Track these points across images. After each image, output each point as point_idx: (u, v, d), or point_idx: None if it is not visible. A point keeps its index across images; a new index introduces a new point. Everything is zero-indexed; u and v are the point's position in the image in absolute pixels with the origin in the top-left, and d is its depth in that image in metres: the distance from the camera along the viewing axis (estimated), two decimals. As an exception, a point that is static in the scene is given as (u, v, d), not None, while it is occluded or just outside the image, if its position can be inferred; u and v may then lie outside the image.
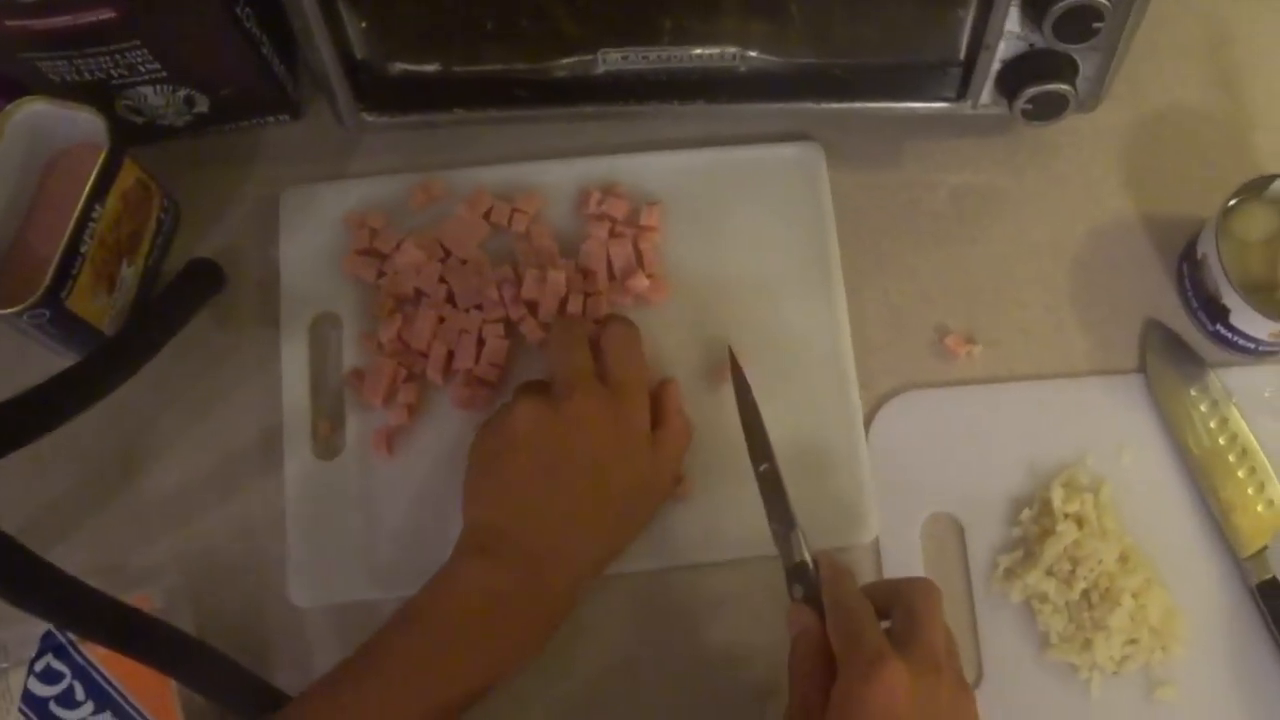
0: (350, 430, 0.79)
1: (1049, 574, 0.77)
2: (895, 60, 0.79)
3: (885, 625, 0.64)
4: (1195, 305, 0.83)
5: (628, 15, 0.76)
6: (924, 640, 0.61)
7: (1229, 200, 0.80)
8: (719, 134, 0.85)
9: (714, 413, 0.79)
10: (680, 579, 0.78)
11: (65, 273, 0.72)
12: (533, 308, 0.79)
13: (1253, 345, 0.82)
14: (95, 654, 0.74)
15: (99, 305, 0.76)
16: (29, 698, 0.73)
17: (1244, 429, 0.82)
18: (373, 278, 0.81)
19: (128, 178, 0.76)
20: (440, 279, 0.80)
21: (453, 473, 0.74)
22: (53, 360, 0.73)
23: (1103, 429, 0.81)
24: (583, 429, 0.69)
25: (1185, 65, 0.89)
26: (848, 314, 0.81)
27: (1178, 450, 0.81)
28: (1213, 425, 0.81)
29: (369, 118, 0.80)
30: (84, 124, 0.75)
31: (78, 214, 0.72)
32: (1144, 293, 0.84)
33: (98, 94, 0.77)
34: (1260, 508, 0.80)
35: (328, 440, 0.79)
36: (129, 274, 0.79)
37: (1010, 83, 0.77)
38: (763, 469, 0.70)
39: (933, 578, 0.76)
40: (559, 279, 0.79)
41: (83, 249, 0.73)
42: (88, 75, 0.76)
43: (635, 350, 0.74)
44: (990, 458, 0.80)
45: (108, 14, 0.71)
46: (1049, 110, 0.78)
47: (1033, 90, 0.76)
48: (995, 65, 0.77)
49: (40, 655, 0.74)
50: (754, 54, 0.78)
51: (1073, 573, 0.77)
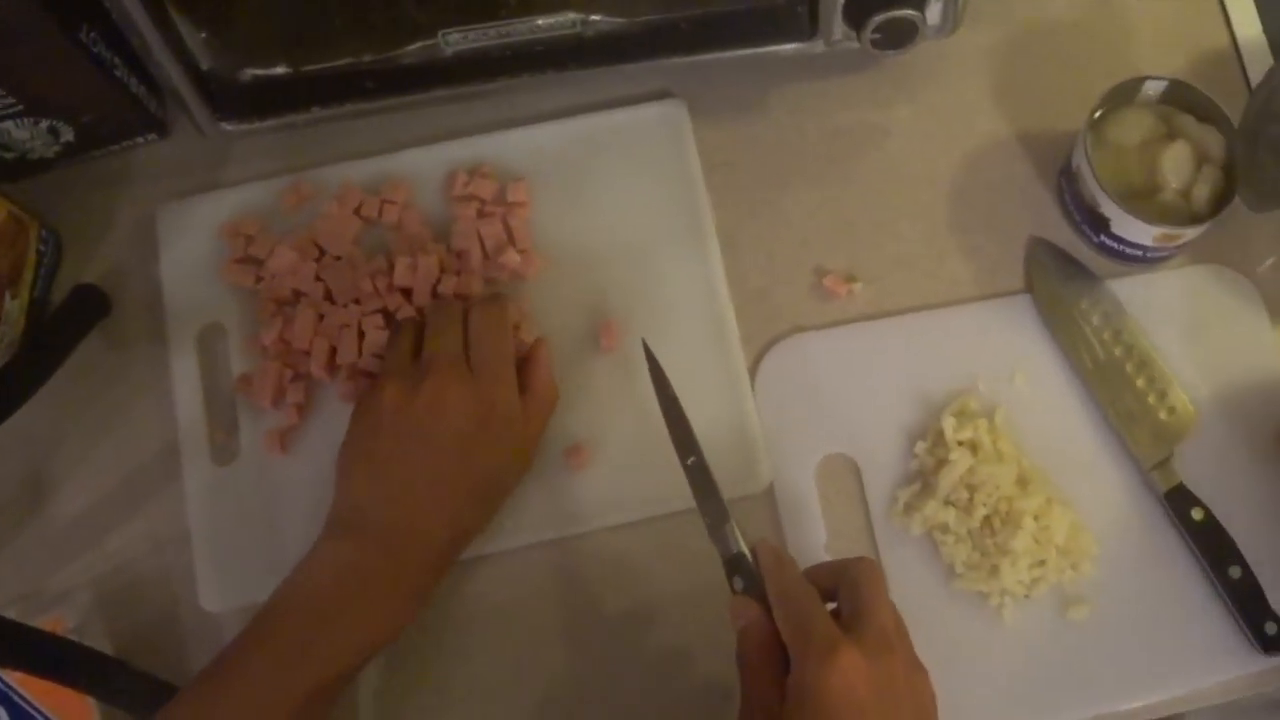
0: (245, 434, 0.80)
1: (947, 504, 0.76)
2: (743, 6, 0.79)
3: (831, 607, 0.63)
4: (1078, 219, 0.82)
5: (463, -6, 0.76)
6: (874, 621, 0.60)
7: (1096, 109, 0.79)
8: (583, 102, 0.84)
9: (600, 379, 0.79)
10: (591, 543, 0.78)
11: (-58, 313, 0.73)
12: (408, 294, 0.79)
13: (1140, 252, 0.80)
14: (13, 677, 0.75)
15: (-15, 340, 0.77)
16: (-51, 725, 0.74)
17: (1140, 338, 0.81)
18: (252, 284, 0.82)
19: (-2, 214, 0.77)
20: (317, 277, 0.80)
21: (345, 466, 0.75)
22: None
23: (993, 353, 0.80)
24: (442, 409, 0.70)
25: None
26: (723, 267, 0.81)
27: (1072, 367, 0.80)
28: (1106, 337, 0.80)
29: (228, 126, 0.80)
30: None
31: (-53, 256, 0.73)
32: (1026, 212, 0.83)
33: (-39, 135, 0.78)
34: (1163, 415, 0.79)
35: (224, 446, 0.80)
36: (13, 307, 0.80)
37: (856, 14, 0.77)
38: (690, 462, 0.69)
39: (831, 519, 0.76)
40: (430, 264, 0.79)
41: (-43, 289, 0.74)
42: (-54, 118, 0.77)
43: (498, 330, 0.74)
44: (880, 394, 0.80)
45: (-49, 57, 0.72)
46: (899, 38, 0.77)
47: (878, 19, 0.76)
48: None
49: (-44, 683, 0.75)
50: (597, 18, 0.78)
51: (971, 500, 0.76)
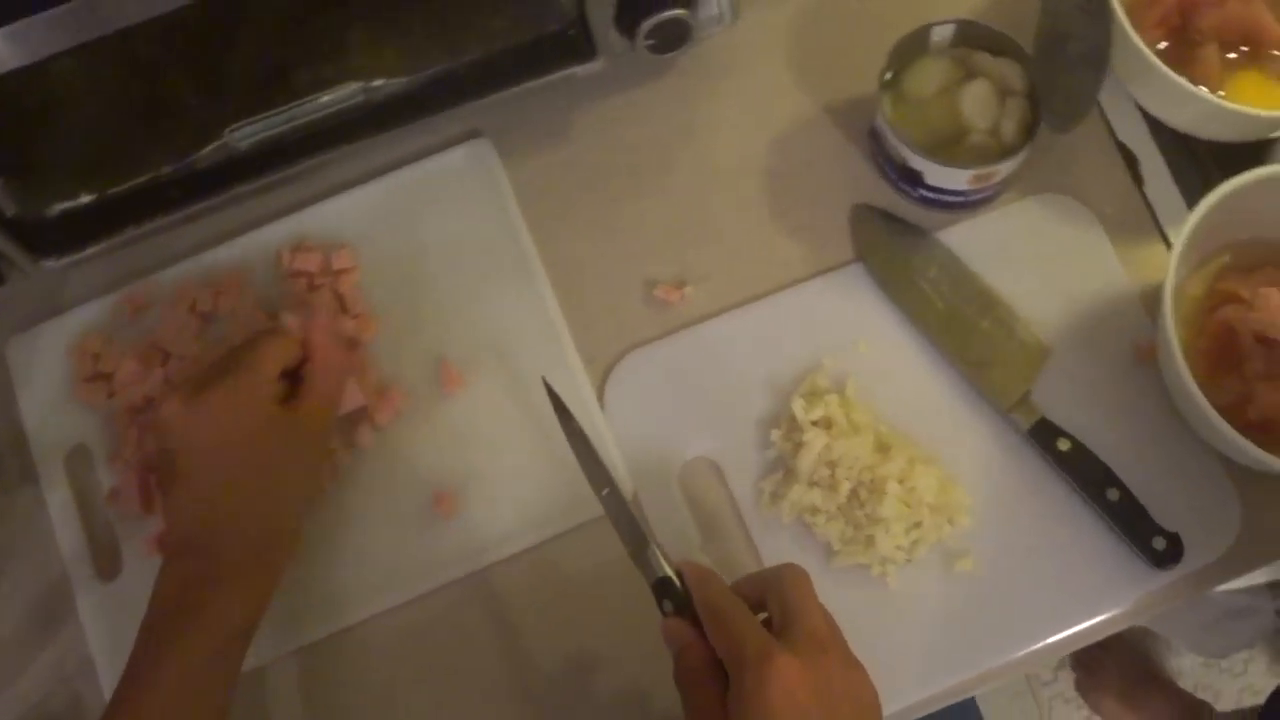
0: (126, 546, 0.81)
1: (812, 485, 0.76)
2: (517, 40, 0.79)
3: (763, 617, 0.63)
4: (894, 178, 0.82)
5: (248, 86, 0.77)
6: (805, 625, 0.60)
7: (887, 69, 0.79)
8: (396, 157, 0.85)
9: (456, 422, 0.80)
10: (491, 577, 0.79)
11: None
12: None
13: (960, 198, 0.80)
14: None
15: None
16: None
17: (978, 282, 0.81)
18: (105, 400, 0.83)
19: None
20: (166, 380, 0.81)
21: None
22: None
23: (834, 327, 0.80)
24: (206, 421, 0.70)
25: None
26: (554, 295, 0.81)
27: (915, 325, 0.80)
28: (945, 289, 0.80)
29: (50, 264, 0.80)
30: None
31: None
32: (845, 182, 0.83)
33: None
34: (1014, 353, 0.79)
35: (110, 563, 0.81)
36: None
37: (627, 24, 0.77)
38: (605, 493, 0.70)
39: (702, 522, 0.76)
40: (268, 347, 0.80)
41: None
42: None
43: (252, 347, 0.72)
44: (730, 391, 0.80)
45: None
46: (674, 39, 0.77)
47: (648, 24, 0.76)
48: (609, 12, 0.77)
49: None
50: (380, 82, 0.78)
51: (834, 477, 0.76)
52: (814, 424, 0.77)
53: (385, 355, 0.82)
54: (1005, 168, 0.77)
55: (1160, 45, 0.82)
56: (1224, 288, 0.79)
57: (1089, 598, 0.77)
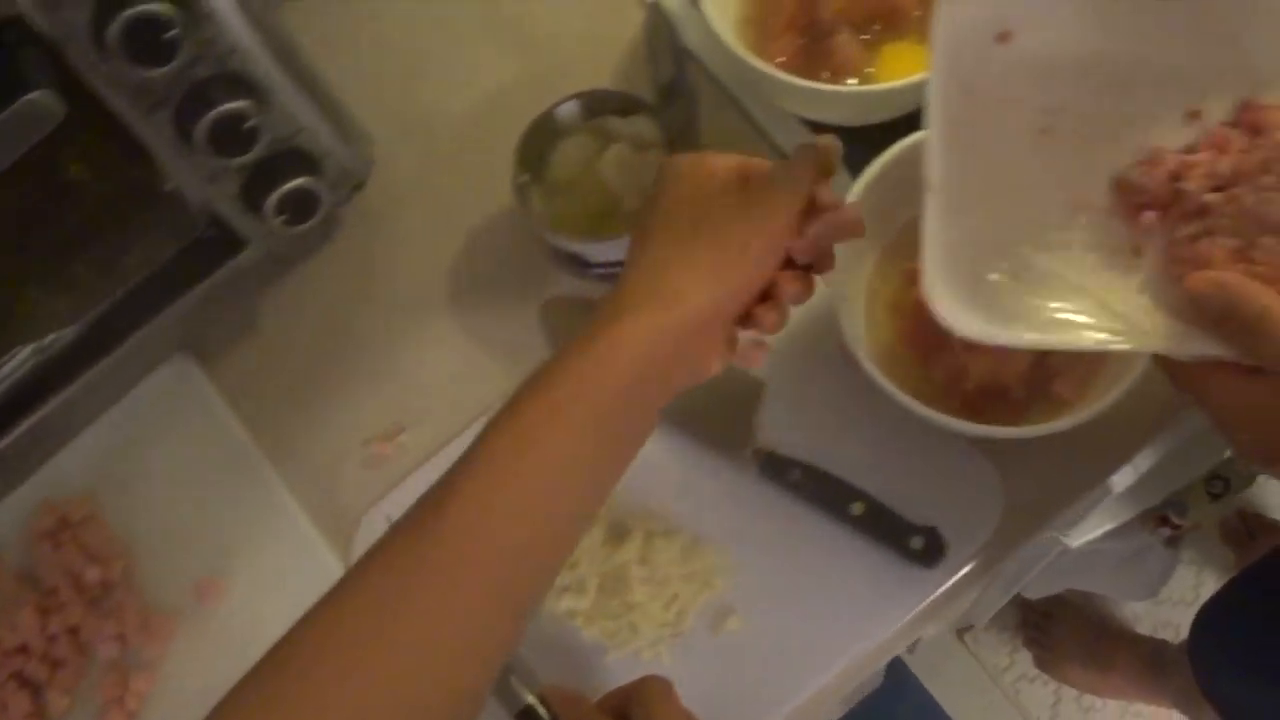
0: None
1: (562, 591, 0.76)
2: (175, 253, 0.80)
3: None
4: (566, 265, 0.82)
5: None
6: None
7: (518, 170, 0.79)
8: (113, 393, 0.86)
9: (220, 630, 0.81)
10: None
11: None
12: (24, 650, 0.81)
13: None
14: None
15: None
16: None
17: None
18: None
19: None
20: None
21: None
22: None
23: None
24: None
25: (466, 57, 0.89)
26: (282, 483, 0.82)
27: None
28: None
29: None
30: None
31: None
32: (530, 283, 0.84)
33: None
34: (727, 396, 0.79)
35: None
36: None
37: (254, 207, 0.78)
38: None
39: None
40: (25, 616, 0.81)
41: None
42: None
43: None
44: (466, 520, 0.79)
45: None
46: (306, 209, 0.78)
47: (269, 204, 0.77)
48: (235, 202, 0.78)
49: None
50: (51, 338, 0.80)
51: (578, 576, 0.75)
52: (547, 530, 0.76)
53: (149, 587, 0.82)
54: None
55: (798, 46, 0.82)
56: (915, 266, 0.78)
57: (873, 614, 0.76)
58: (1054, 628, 1.48)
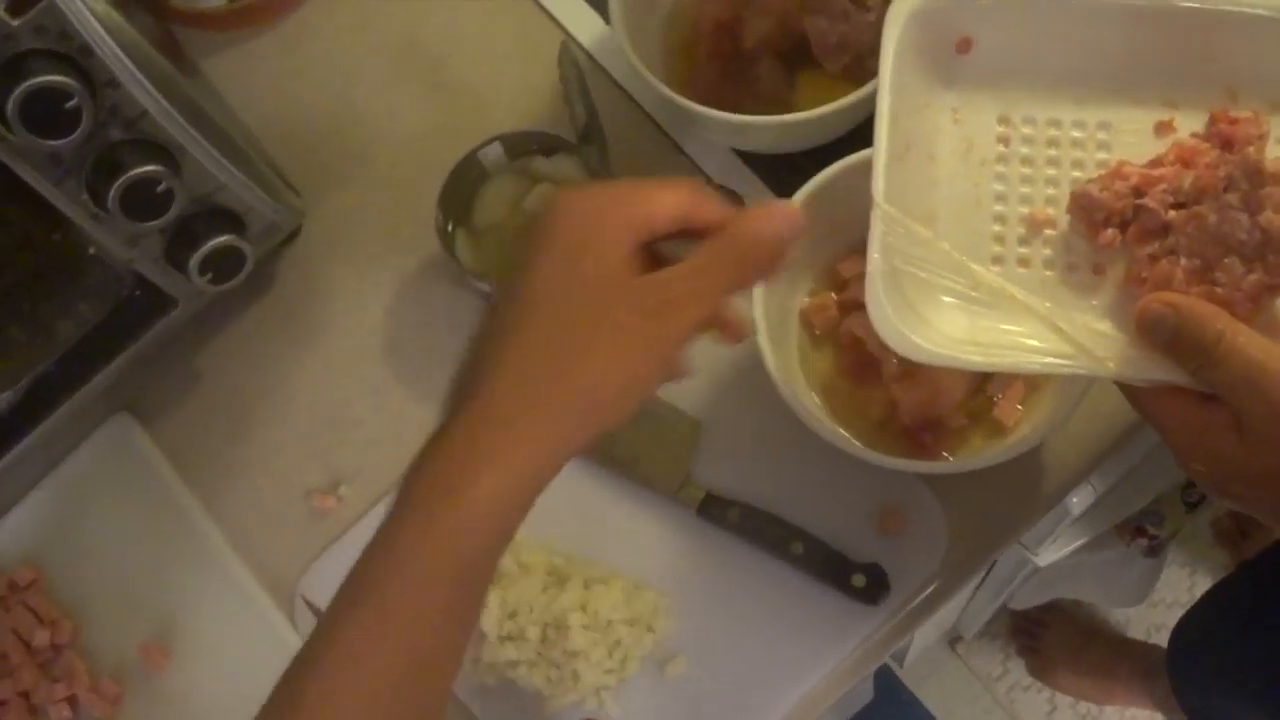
0: None
1: (503, 640, 0.75)
2: (106, 314, 0.80)
3: None
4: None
5: None
6: None
7: (442, 219, 0.78)
8: (55, 455, 0.86)
9: (168, 696, 0.81)
10: None
11: None
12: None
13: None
14: None
15: None
16: None
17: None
18: None
19: None
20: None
21: None
22: None
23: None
24: None
25: (387, 103, 0.88)
26: (225, 542, 0.82)
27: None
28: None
29: None
30: None
31: None
32: (463, 330, 0.80)
33: None
34: (663, 437, 0.78)
35: None
36: None
37: (179, 267, 0.77)
38: None
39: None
40: (-29, 682, 0.81)
41: None
42: None
43: None
44: (406, 572, 0.79)
45: None
46: (232, 267, 0.78)
47: (193, 263, 0.76)
48: (159, 263, 0.77)
49: None
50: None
51: (518, 625, 0.75)
52: (486, 581, 0.75)
53: (97, 649, 0.82)
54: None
55: (723, 73, 0.81)
56: (847, 297, 0.77)
57: (815, 654, 0.74)
58: (1046, 635, 1.46)
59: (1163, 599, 1.49)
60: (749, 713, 0.74)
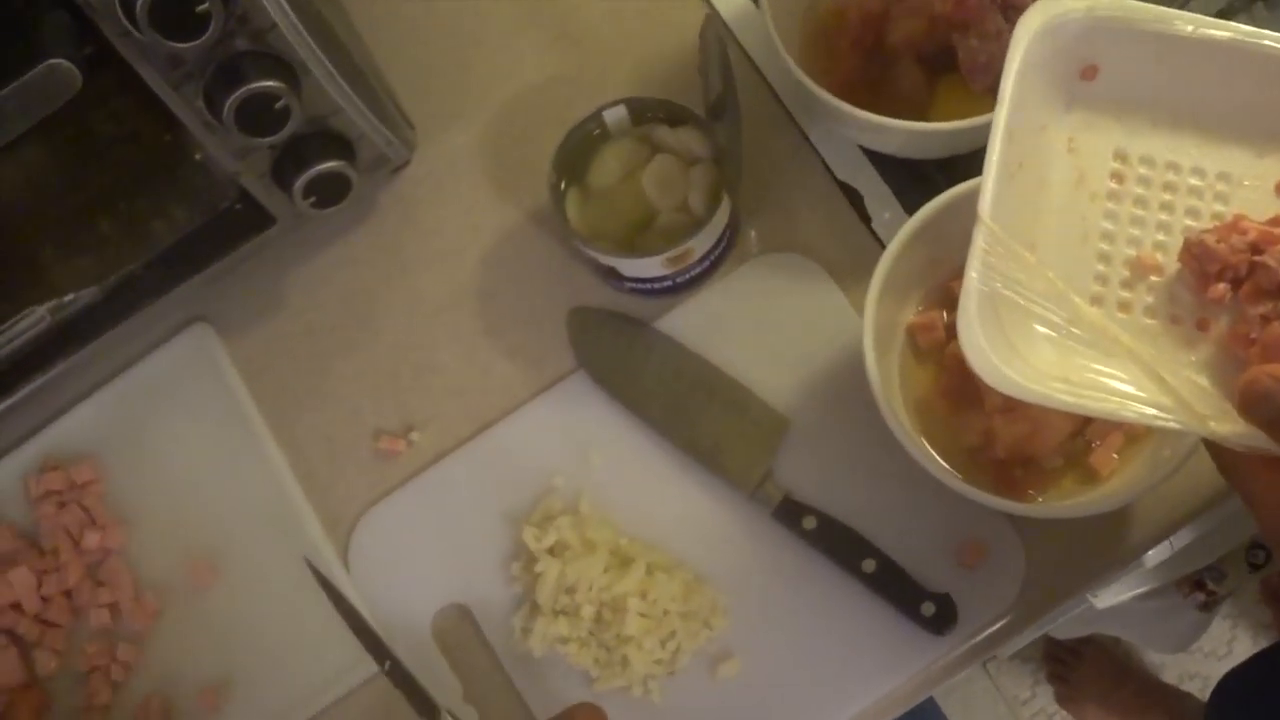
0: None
1: (557, 614, 0.74)
2: (190, 228, 0.78)
3: None
4: (602, 275, 0.79)
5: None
6: None
7: (556, 175, 0.76)
8: (129, 356, 0.85)
9: (209, 614, 0.80)
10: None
11: None
12: (18, 608, 0.81)
13: (667, 283, 0.78)
14: None
15: None
16: None
17: (703, 364, 0.78)
18: None
19: None
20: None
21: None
22: None
23: (562, 444, 0.78)
24: None
25: (512, 47, 0.85)
26: (289, 469, 0.80)
27: (642, 422, 0.77)
28: (668, 379, 0.78)
29: None
30: None
31: None
32: (560, 289, 0.81)
33: None
34: (748, 431, 0.76)
35: None
36: None
37: (285, 186, 0.76)
38: (387, 667, 0.68)
39: (461, 669, 0.75)
40: (22, 574, 0.80)
41: None
42: None
43: None
44: (468, 532, 0.77)
45: None
46: (335, 193, 0.76)
47: (298, 185, 0.74)
48: (265, 179, 0.75)
49: None
50: (70, 297, 0.78)
51: (575, 602, 0.73)
52: (548, 551, 0.74)
53: (143, 559, 0.81)
54: (699, 242, 0.74)
55: (862, 68, 0.78)
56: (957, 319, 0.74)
57: (869, 677, 0.73)
58: (1079, 666, 1.44)
59: (1199, 648, 1.46)
60: (794, 725, 0.72)
